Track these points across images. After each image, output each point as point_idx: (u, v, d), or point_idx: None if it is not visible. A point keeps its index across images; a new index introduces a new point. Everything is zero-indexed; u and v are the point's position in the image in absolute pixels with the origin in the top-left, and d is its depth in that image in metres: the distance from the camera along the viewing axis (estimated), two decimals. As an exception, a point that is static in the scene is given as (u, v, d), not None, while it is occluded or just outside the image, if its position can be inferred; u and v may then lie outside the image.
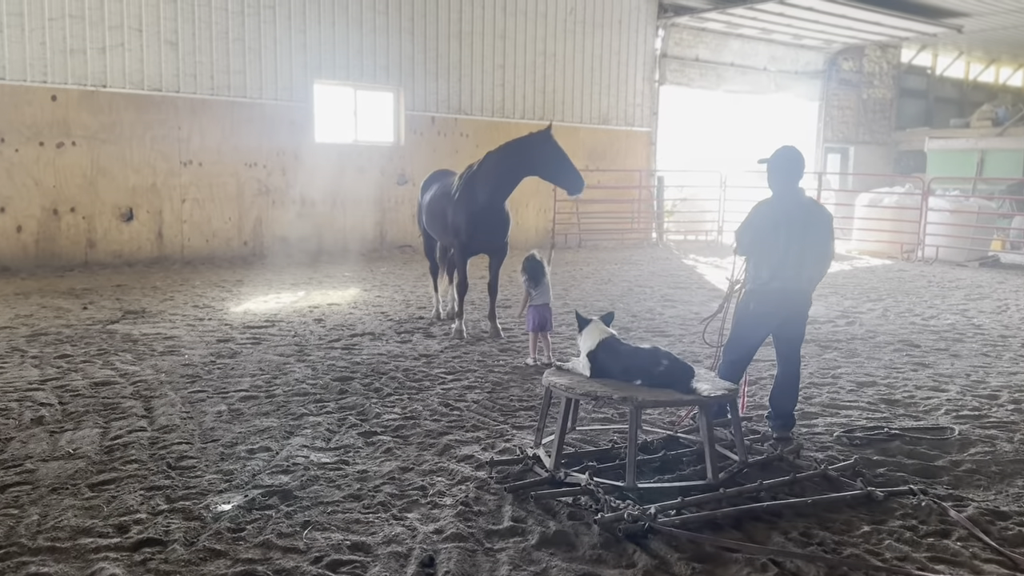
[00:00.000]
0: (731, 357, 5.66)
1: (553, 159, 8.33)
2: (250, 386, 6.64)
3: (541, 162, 8.37)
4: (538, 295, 7.63)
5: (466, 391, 6.60)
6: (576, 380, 4.70)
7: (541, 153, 8.33)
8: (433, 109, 16.99)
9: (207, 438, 5.33)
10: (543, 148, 8.33)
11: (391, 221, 16.68)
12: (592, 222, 19.53)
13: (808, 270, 5.49)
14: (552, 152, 8.32)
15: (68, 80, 12.95)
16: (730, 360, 5.66)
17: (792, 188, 5.51)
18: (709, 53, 21.68)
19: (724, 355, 5.71)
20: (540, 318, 7.58)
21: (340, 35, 15.60)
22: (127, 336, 8.55)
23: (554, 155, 8.33)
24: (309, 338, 8.63)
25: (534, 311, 7.60)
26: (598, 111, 19.68)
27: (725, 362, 5.68)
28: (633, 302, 11.65)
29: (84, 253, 13.39)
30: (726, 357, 5.68)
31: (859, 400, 6.62)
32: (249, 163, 14.83)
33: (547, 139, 8.35)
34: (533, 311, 7.61)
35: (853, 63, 25.10)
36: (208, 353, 7.85)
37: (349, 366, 7.37)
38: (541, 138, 8.39)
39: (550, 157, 8.33)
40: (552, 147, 8.32)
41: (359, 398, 6.31)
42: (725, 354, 5.69)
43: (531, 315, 7.63)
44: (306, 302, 11.00)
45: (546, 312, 7.64)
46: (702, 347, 8.47)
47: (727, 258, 18.20)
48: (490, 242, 8.82)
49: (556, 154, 8.34)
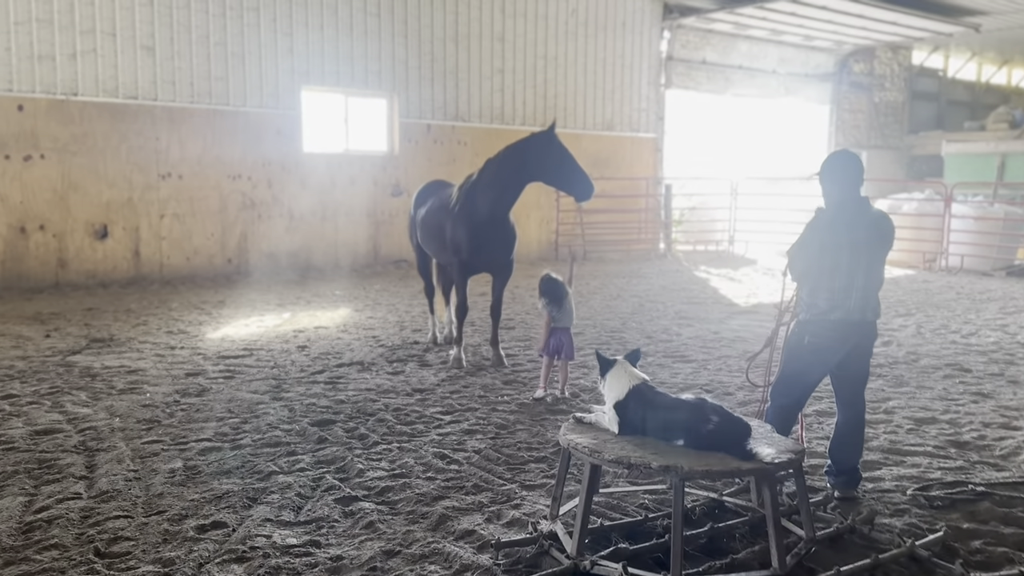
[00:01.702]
0: (781, 400, 4.72)
1: (558, 162, 7.44)
2: (214, 434, 5.71)
3: (545, 166, 7.47)
4: (560, 317, 6.72)
5: (466, 437, 5.67)
6: (602, 439, 3.78)
7: (545, 156, 7.43)
8: (429, 116, 16.10)
9: (152, 508, 4.39)
10: (547, 150, 7.43)
11: (385, 235, 15.76)
12: (597, 233, 18.63)
13: (875, 297, 4.58)
14: (557, 154, 7.43)
15: (36, 88, 12.05)
16: (780, 404, 4.73)
17: (853, 197, 4.59)
18: (717, 55, 20.80)
19: (773, 398, 4.77)
20: (557, 342, 6.65)
21: (329, 38, 14.71)
22: (86, 370, 7.62)
23: (559, 157, 7.44)
24: (290, 370, 7.70)
25: (554, 334, 6.69)
26: (602, 117, 18.79)
27: (774, 406, 4.75)
28: (646, 321, 10.73)
29: (54, 274, 12.47)
30: (775, 400, 4.75)
31: (923, 443, 5.68)
32: (233, 175, 13.92)
33: (551, 140, 7.46)
34: (551, 335, 6.70)
35: (864, 65, 24.25)
36: (173, 391, 6.91)
37: (331, 405, 6.43)
38: (544, 139, 7.49)
39: (555, 159, 7.44)
40: (556, 148, 7.43)
41: (340, 449, 5.37)
42: (774, 397, 4.76)
43: (548, 338, 6.72)
44: (291, 325, 10.08)
45: (565, 336, 6.71)
46: (730, 375, 7.56)
47: (740, 269, 17.40)
48: (494, 260, 7.90)
49: (561, 156, 7.44)
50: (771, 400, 4.81)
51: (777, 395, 4.75)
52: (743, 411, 6.32)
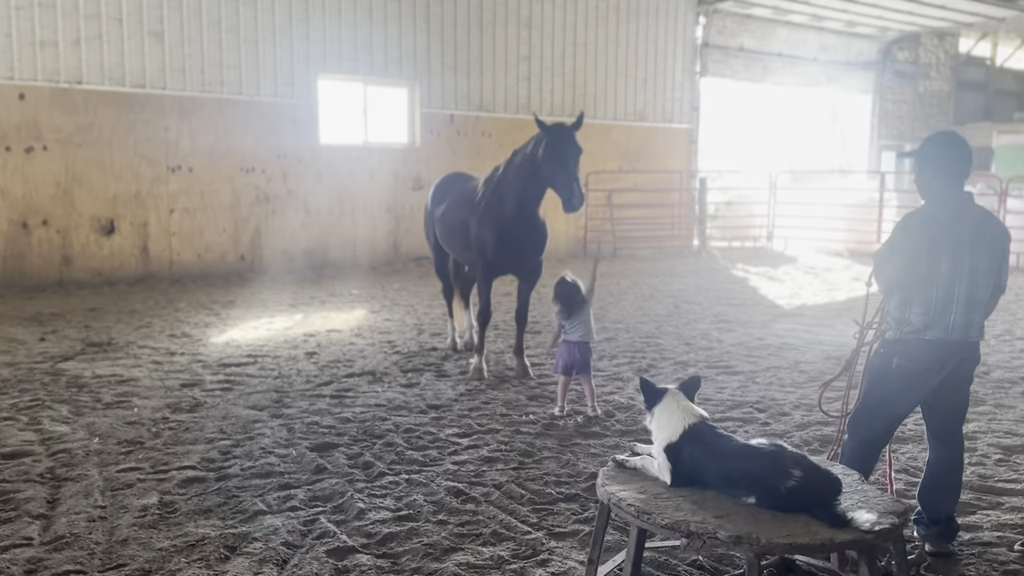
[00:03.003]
0: (862, 435, 3.93)
1: (573, 160, 6.57)
2: (200, 460, 5.02)
3: (544, 159, 6.63)
4: (572, 328, 5.94)
5: (485, 467, 4.92)
6: (651, 494, 3.02)
7: (551, 149, 6.58)
8: (452, 106, 15.35)
9: (111, 560, 3.70)
10: (564, 144, 6.58)
11: (405, 231, 15.05)
12: (628, 229, 17.79)
13: (979, 313, 3.77)
14: (574, 152, 6.58)
15: (38, 76, 11.46)
16: (860, 439, 3.94)
17: (956, 192, 3.78)
18: (755, 42, 19.84)
19: (852, 432, 3.98)
20: (571, 357, 5.87)
21: (347, 24, 14.01)
22: (75, 379, 6.98)
23: (576, 156, 6.58)
24: (294, 381, 7.01)
25: (565, 349, 5.91)
26: (633, 106, 17.93)
27: (853, 442, 3.97)
28: (682, 324, 9.92)
29: (58, 271, 11.89)
30: (855, 435, 3.96)
31: (1019, 477, 4.85)
32: (246, 168, 13.28)
33: (564, 134, 6.61)
34: (564, 349, 5.92)
35: (908, 53, 23.14)
36: (164, 405, 6.25)
37: (335, 425, 5.72)
38: (559, 132, 6.65)
39: (571, 157, 6.57)
40: (573, 147, 6.58)
41: (340, 481, 4.65)
42: (853, 430, 3.97)
43: (561, 353, 5.94)
44: (302, 328, 9.40)
45: (581, 351, 5.93)
46: (782, 391, 6.74)
47: (780, 268, 16.47)
48: (522, 261, 7.14)
49: (576, 156, 6.58)
50: (849, 434, 4.02)
51: (857, 428, 3.96)
52: (803, 435, 5.54)
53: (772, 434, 5.59)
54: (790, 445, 3.16)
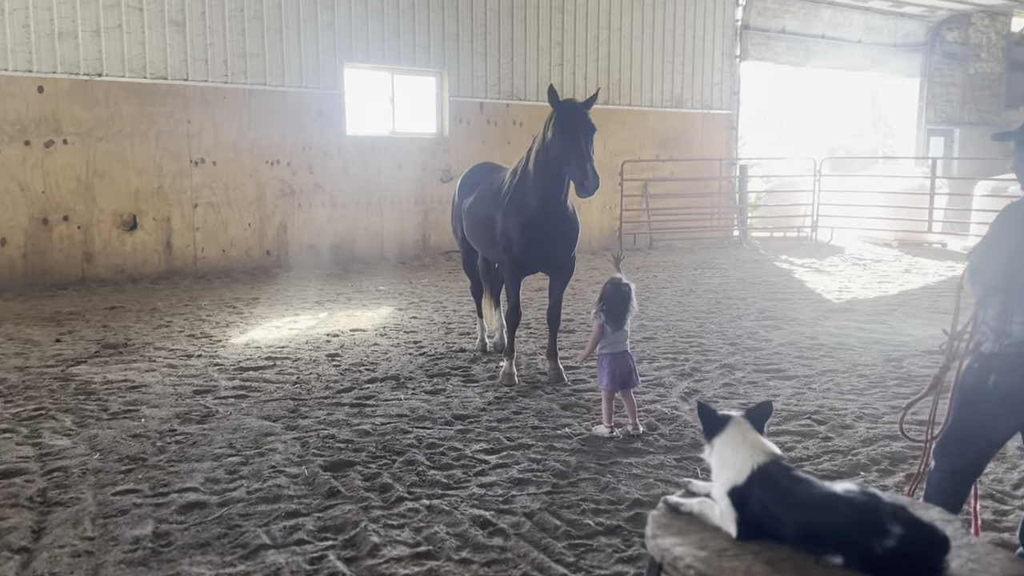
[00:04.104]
0: (952, 463, 3.37)
1: (566, 136, 5.99)
2: (205, 480, 4.59)
3: (554, 138, 6.06)
4: (618, 339, 5.36)
5: (515, 490, 4.43)
6: (713, 550, 2.50)
7: (559, 127, 6.03)
8: (481, 94, 14.83)
9: (90, 606, 3.28)
10: (569, 118, 6.03)
11: (434, 223, 14.59)
12: (665, 219, 17.17)
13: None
14: (585, 129, 6.00)
15: (57, 68, 11.16)
16: (950, 468, 3.38)
17: (1068, 180, 3.20)
18: (797, 24, 19.02)
19: (939, 459, 3.42)
20: (622, 371, 5.31)
21: (374, 11, 13.56)
22: (84, 385, 6.62)
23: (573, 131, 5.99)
24: (313, 387, 6.57)
25: (610, 361, 5.31)
26: (670, 92, 17.27)
27: (941, 471, 3.40)
28: (726, 321, 9.34)
29: (80, 268, 11.61)
30: (943, 463, 3.39)
31: None
32: (271, 160, 12.90)
33: (574, 109, 6.07)
34: (609, 361, 5.31)
35: (959, 33, 22.13)
36: (173, 415, 5.84)
37: (353, 439, 5.26)
38: (568, 107, 6.10)
39: (572, 133, 5.99)
40: (568, 121, 6.01)
41: (354, 508, 4.18)
42: (941, 458, 3.41)
43: (606, 365, 5.31)
44: (325, 328, 8.99)
45: (628, 362, 5.38)
46: (842, 399, 6.15)
47: (826, 259, 15.74)
48: (552, 257, 6.63)
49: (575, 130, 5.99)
50: (936, 463, 3.45)
51: (946, 456, 3.40)
52: (870, 452, 4.96)
53: (835, 451, 5.03)
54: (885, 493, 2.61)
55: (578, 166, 5.86)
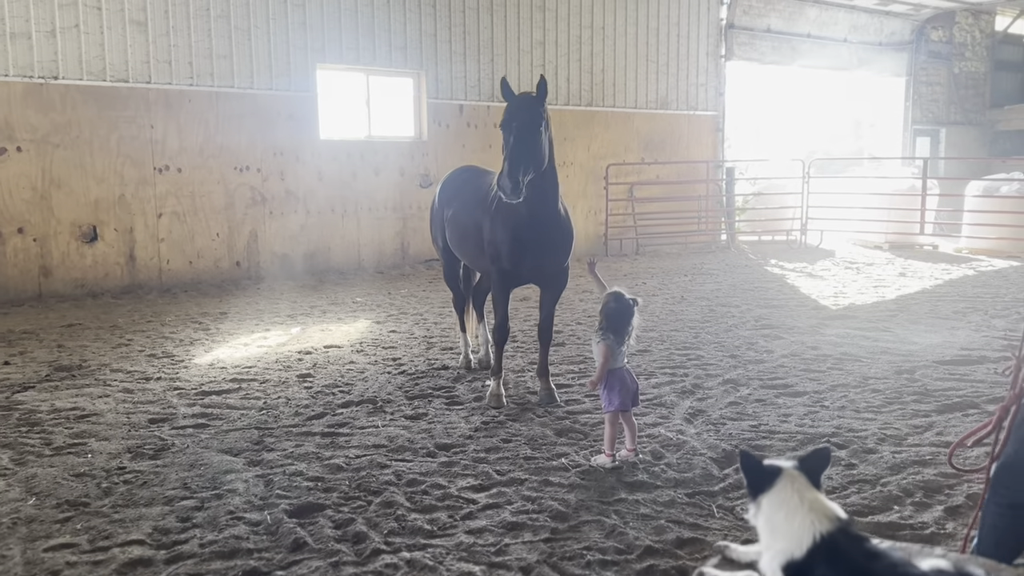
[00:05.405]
0: (1010, 498, 2.88)
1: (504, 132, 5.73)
2: (152, 530, 4.00)
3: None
4: (621, 354, 4.83)
5: (508, 537, 3.87)
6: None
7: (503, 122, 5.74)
8: (461, 96, 14.30)
9: None
10: (508, 113, 5.72)
11: (414, 231, 14.02)
12: (650, 223, 16.70)
13: None
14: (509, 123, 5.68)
15: (9, 71, 10.49)
16: (1009, 503, 2.89)
17: None
18: (782, 23, 18.66)
19: (994, 491, 2.92)
20: (629, 390, 4.78)
21: (347, 10, 12.99)
22: (28, 415, 5.99)
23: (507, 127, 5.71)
24: (281, 413, 5.99)
25: (615, 379, 4.79)
26: (655, 93, 16.81)
27: (998, 506, 2.91)
28: (722, 331, 8.84)
29: (37, 283, 10.92)
30: (1002, 498, 2.89)
31: None
32: (240, 167, 12.28)
33: (513, 103, 5.79)
34: (615, 378, 4.79)
35: (943, 32, 21.89)
36: (123, 448, 5.24)
37: (323, 476, 4.68)
38: (510, 100, 5.82)
39: (507, 130, 5.72)
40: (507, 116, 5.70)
41: (322, 564, 3.61)
42: (997, 491, 2.91)
43: (612, 383, 4.74)
44: (297, 344, 8.40)
45: (632, 379, 4.85)
46: (859, 419, 5.64)
47: (818, 263, 15.29)
48: (544, 267, 6.09)
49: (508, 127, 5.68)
50: (991, 495, 2.96)
51: (1003, 489, 2.90)
52: (900, 481, 4.46)
53: (861, 480, 4.53)
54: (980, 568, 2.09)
55: (505, 166, 5.45)
